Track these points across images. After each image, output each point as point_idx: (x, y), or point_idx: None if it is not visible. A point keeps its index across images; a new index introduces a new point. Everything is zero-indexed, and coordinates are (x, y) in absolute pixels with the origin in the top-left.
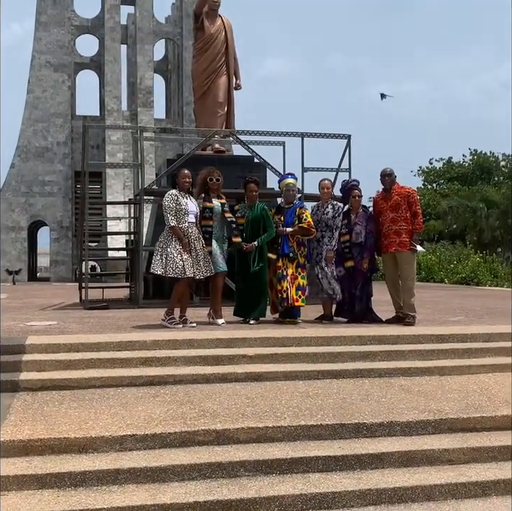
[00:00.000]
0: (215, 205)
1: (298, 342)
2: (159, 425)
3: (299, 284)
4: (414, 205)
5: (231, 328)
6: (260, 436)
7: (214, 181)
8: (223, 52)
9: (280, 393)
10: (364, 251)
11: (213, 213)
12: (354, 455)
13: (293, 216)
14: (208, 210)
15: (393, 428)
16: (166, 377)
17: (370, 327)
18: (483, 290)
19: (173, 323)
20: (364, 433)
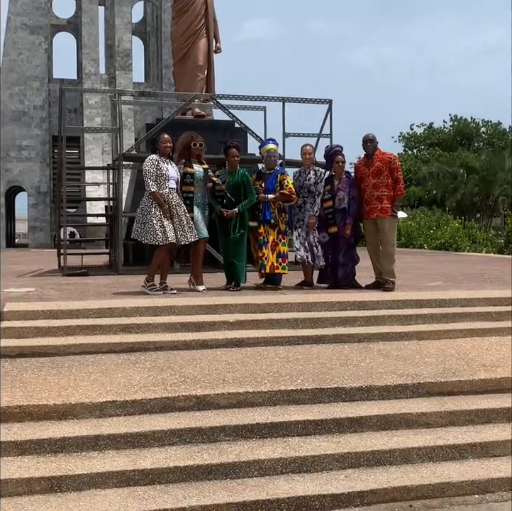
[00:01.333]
0: (196, 171)
1: (279, 308)
2: (139, 391)
3: (280, 251)
4: (396, 171)
5: (212, 295)
6: (240, 401)
7: (198, 146)
8: (202, 13)
9: (261, 359)
10: (347, 217)
11: (194, 179)
12: (333, 419)
13: (274, 182)
14: (189, 176)
15: (371, 392)
16: (146, 344)
17: (350, 293)
18: (462, 255)
19: (153, 289)
20: (343, 397)
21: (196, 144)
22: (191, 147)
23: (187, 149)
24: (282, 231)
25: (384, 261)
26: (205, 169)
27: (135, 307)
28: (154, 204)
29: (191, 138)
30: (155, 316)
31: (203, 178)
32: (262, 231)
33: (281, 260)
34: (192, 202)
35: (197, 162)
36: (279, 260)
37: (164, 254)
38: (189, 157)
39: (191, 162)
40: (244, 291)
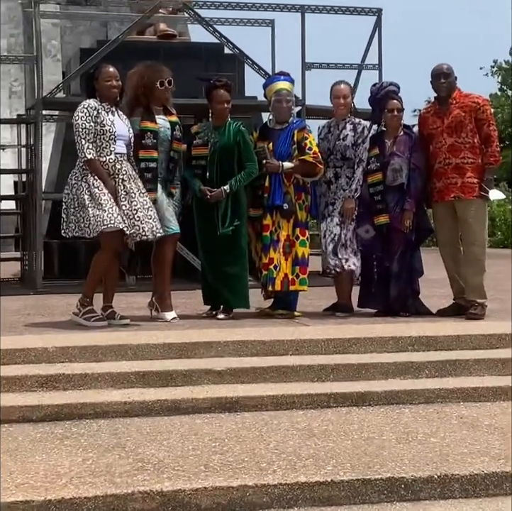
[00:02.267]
0: (161, 126)
1: (297, 348)
2: (70, 485)
3: (297, 255)
4: (486, 124)
5: (188, 327)
6: (234, 500)
7: (166, 85)
8: None
9: (267, 431)
10: (406, 200)
11: (157, 139)
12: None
13: (289, 143)
14: (150, 134)
15: (448, 486)
16: (81, 408)
17: (412, 323)
18: None
19: (92, 318)
20: (402, 494)
21: (163, 83)
22: (154, 87)
23: (148, 91)
24: (302, 222)
25: (468, 271)
26: (173, 123)
27: (63, 347)
28: (92, 178)
29: (153, 71)
30: (96, 362)
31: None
32: (269, 224)
33: (299, 269)
34: (155, 177)
35: (162, 111)
36: (295, 269)
37: (108, 259)
38: (149, 104)
39: (153, 112)
40: (239, 320)
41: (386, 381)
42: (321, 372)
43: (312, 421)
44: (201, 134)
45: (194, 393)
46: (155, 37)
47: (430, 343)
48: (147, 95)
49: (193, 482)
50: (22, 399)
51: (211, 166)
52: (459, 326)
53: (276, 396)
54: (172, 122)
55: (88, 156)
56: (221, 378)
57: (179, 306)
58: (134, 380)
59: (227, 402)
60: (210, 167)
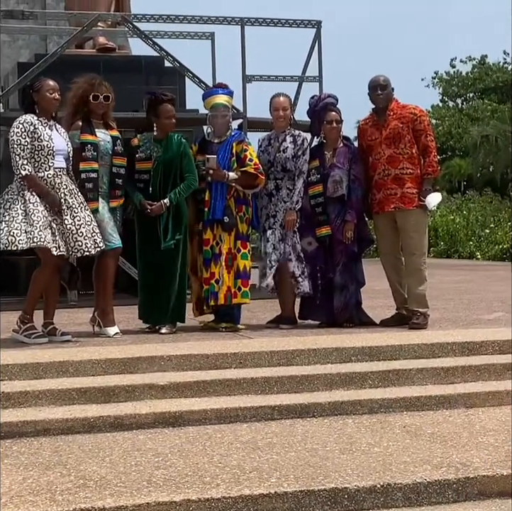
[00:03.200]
0: (101, 140)
1: (241, 361)
2: (9, 505)
3: (239, 268)
4: (424, 135)
5: (130, 342)
6: None
7: (101, 100)
8: None
9: (211, 445)
10: (347, 211)
11: (98, 151)
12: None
13: (227, 156)
14: (90, 146)
15: (391, 495)
16: (22, 425)
17: (355, 334)
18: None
19: (33, 335)
20: (346, 504)
21: (97, 96)
22: (89, 100)
23: (84, 104)
24: (243, 235)
25: (410, 281)
26: (114, 138)
27: (3, 365)
28: (28, 193)
29: (90, 85)
30: (36, 379)
31: (112, 152)
32: (210, 238)
33: (240, 282)
34: (96, 187)
35: (101, 125)
36: (237, 282)
37: (48, 274)
38: (89, 116)
39: (92, 125)
40: (182, 333)
41: (330, 392)
42: (265, 385)
43: (256, 434)
44: (142, 148)
45: (137, 409)
46: (95, 51)
47: (374, 353)
48: (83, 107)
49: (135, 498)
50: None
51: (155, 180)
52: (401, 336)
53: (219, 409)
54: (113, 136)
55: (23, 173)
56: (164, 393)
57: (122, 321)
58: (75, 396)
59: (171, 416)
60: (154, 181)
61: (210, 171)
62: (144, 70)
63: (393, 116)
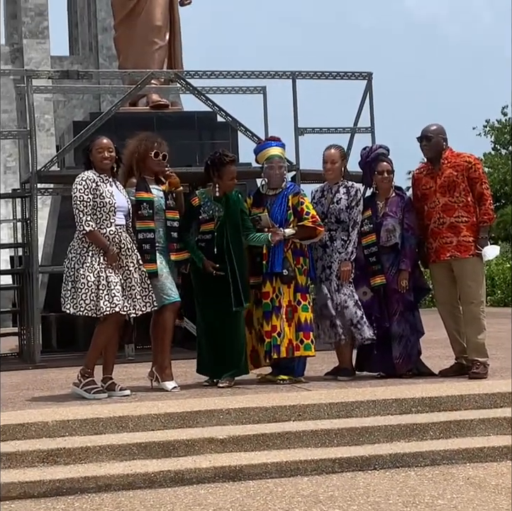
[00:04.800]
0: (155, 196)
1: (300, 414)
2: None
3: (300, 320)
4: (479, 183)
5: (188, 396)
6: None
7: (160, 158)
8: None
9: (272, 499)
10: (402, 260)
11: (153, 209)
12: None
13: (284, 209)
14: (146, 204)
15: None
16: (83, 481)
17: (414, 384)
18: None
19: (93, 390)
20: None
21: (157, 154)
22: (150, 157)
23: (142, 160)
24: (302, 287)
25: (469, 330)
26: (165, 193)
27: (64, 421)
28: (92, 251)
29: (151, 143)
30: (97, 434)
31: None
32: (269, 291)
33: (303, 335)
34: (153, 247)
35: (153, 181)
36: (299, 335)
37: (110, 332)
38: (144, 173)
39: (146, 181)
40: (240, 387)
41: (391, 444)
42: (325, 437)
43: (317, 487)
44: (204, 208)
45: (197, 463)
46: (148, 108)
47: (434, 404)
48: (141, 164)
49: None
50: (23, 475)
51: (219, 240)
52: (462, 386)
53: (280, 463)
54: (165, 191)
55: (87, 229)
56: (224, 447)
57: (180, 376)
58: (136, 451)
59: (231, 470)
60: (219, 241)
61: (265, 229)
62: (197, 125)
63: (447, 164)
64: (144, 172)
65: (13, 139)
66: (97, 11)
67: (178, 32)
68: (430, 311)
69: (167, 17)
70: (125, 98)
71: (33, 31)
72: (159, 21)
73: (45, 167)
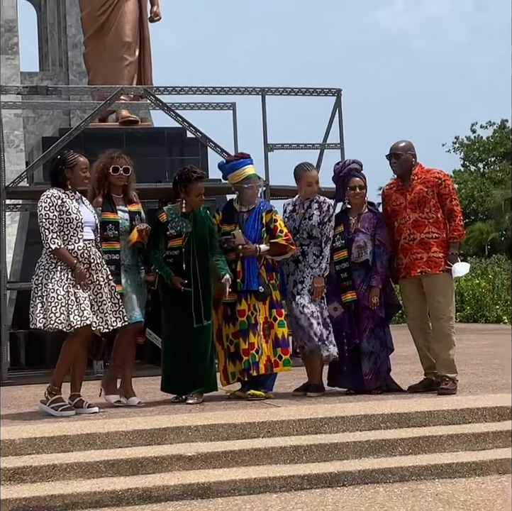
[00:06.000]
0: (120, 218)
1: (269, 430)
2: None
3: (277, 336)
4: (449, 199)
5: (157, 413)
6: None
7: (121, 171)
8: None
9: None
10: (372, 276)
11: (119, 230)
12: None
13: (258, 226)
14: (111, 225)
15: None
16: (50, 500)
17: (384, 400)
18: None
19: (60, 407)
20: None
21: (117, 168)
22: (110, 173)
23: (105, 178)
24: (277, 302)
25: (438, 346)
26: (132, 213)
27: (30, 439)
28: (60, 265)
29: (110, 158)
30: (64, 452)
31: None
32: (245, 308)
33: (281, 350)
34: (119, 268)
35: (121, 200)
36: (277, 351)
37: (78, 348)
38: (110, 192)
39: (113, 201)
40: (208, 403)
41: (360, 460)
42: (294, 454)
43: (286, 504)
44: (172, 224)
45: (165, 480)
46: (118, 124)
47: (403, 420)
48: (104, 182)
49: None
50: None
51: (187, 256)
52: (431, 402)
53: (248, 480)
54: (131, 212)
55: (52, 246)
56: (192, 464)
57: (149, 392)
58: (103, 469)
59: (199, 487)
60: (187, 257)
61: (239, 246)
62: (166, 141)
63: (417, 180)
64: (111, 189)
65: None
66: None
67: (148, 48)
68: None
69: (136, 33)
70: (94, 114)
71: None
72: (128, 37)
73: (14, 183)
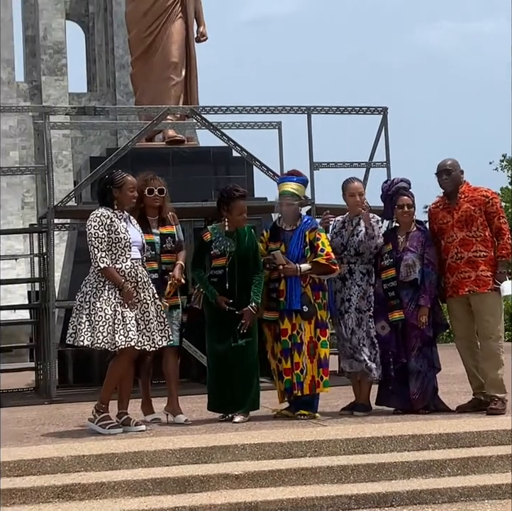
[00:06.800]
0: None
1: (316, 449)
2: None
3: (320, 356)
4: (497, 217)
5: (204, 431)
6: None
7: (156, 193)
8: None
9: None
10: (421, 295)
11: (155, 250)
12: None
13: (301, 245)
14: (148, 246)
15: None
16: None
17: (432, 420)
18: None
19: (107, 425)
20: None
21: (152, 190)
22: (145, 195)
23: (141, 200)
24: (322, 322)
25: (487, 365)
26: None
27: (79, 456)
28: (108, 285)
29: (144, 180)
30: (112, 470)
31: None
32: (287, 328)
33: (322, 371)
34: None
35: (155, 221)
36: (320, 371)
37: (125, 366)
38: (145, 214)
39: (149, 223)
40: (255, 422)
41: (408, 480)
42: (341, 473)
43: None
44: (216, 243)
45: (212, 499)
46: (164, 143)
47: (451, 440)
48: (139, 205)
49: None
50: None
51: (231, 276)
52: (479, 422)
53: (295, 499)
54: (163, 234)
55: (101, 265)
56: (239, 483)
57: (195, 411)
58: (151, 487)
59: (246, 507)
60: (231, 276)
61: (280, 266)
62: (212, 160)
63: (464, 198)
64: (146, 211)
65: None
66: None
67: (194, 68)
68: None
69: (183, 53)
70: (141, 133)
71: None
72: (175, 57)
73: (62, 203)
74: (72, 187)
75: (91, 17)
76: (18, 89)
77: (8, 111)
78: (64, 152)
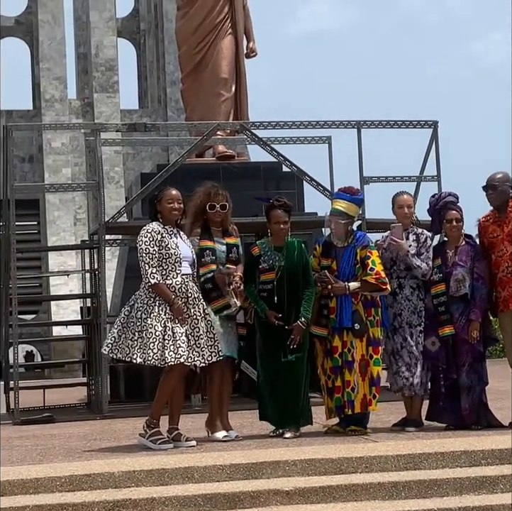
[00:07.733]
0: (217, 247)
1: (366, 465)
2: None
3: (373, 374)
4: None
5: (253, 446)
6: None
7: (218, 209)
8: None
9: None
10: (472, 310)
11: (216, 255)
12: None
13: (352, 263)
14: (208, 251)
15: None
16: None
17: (485, 436)
18: None
19: (158, 441)
20: None
21: (214, 206)
22: (207, 210)
23: (203, 213)
24: (374, 339)
25: None
26: (229, 245)
27: (130, 472)
28: (158, 301)
29: (207, 194)
30: (163, 485)
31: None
32: (338, 345)
33: (375, 389)
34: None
35: (220, 232)
36: (372, 390)
37: (175, 382)
38: (208, 224)
39: (211, 232)
40: (306, 438)
41: (460, 497)
42: (392, 490)
43: None
44: (264, 257)
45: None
46: (214, 159)
47: (504, 456)
48: (202, 217)
49: None
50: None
51: (280, 290)
52: None
53: None
54: (229, 244)
55: (152, 281)
56: (290, 499)
57: (246, 426)
58: (201, 502)
59: None
60: (279, 291)
61: (328, 286)
62: (263, 176)
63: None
64: (209, 223)
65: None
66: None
67: (244, 83)
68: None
69: (232, 69)
70: (191, 149)
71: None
72: (225, 74)
73: (113, 219)
74: (124, 203)
75: (142, 34)
76: (70, 107)
77: (60, 129)
78: (116, 169)
